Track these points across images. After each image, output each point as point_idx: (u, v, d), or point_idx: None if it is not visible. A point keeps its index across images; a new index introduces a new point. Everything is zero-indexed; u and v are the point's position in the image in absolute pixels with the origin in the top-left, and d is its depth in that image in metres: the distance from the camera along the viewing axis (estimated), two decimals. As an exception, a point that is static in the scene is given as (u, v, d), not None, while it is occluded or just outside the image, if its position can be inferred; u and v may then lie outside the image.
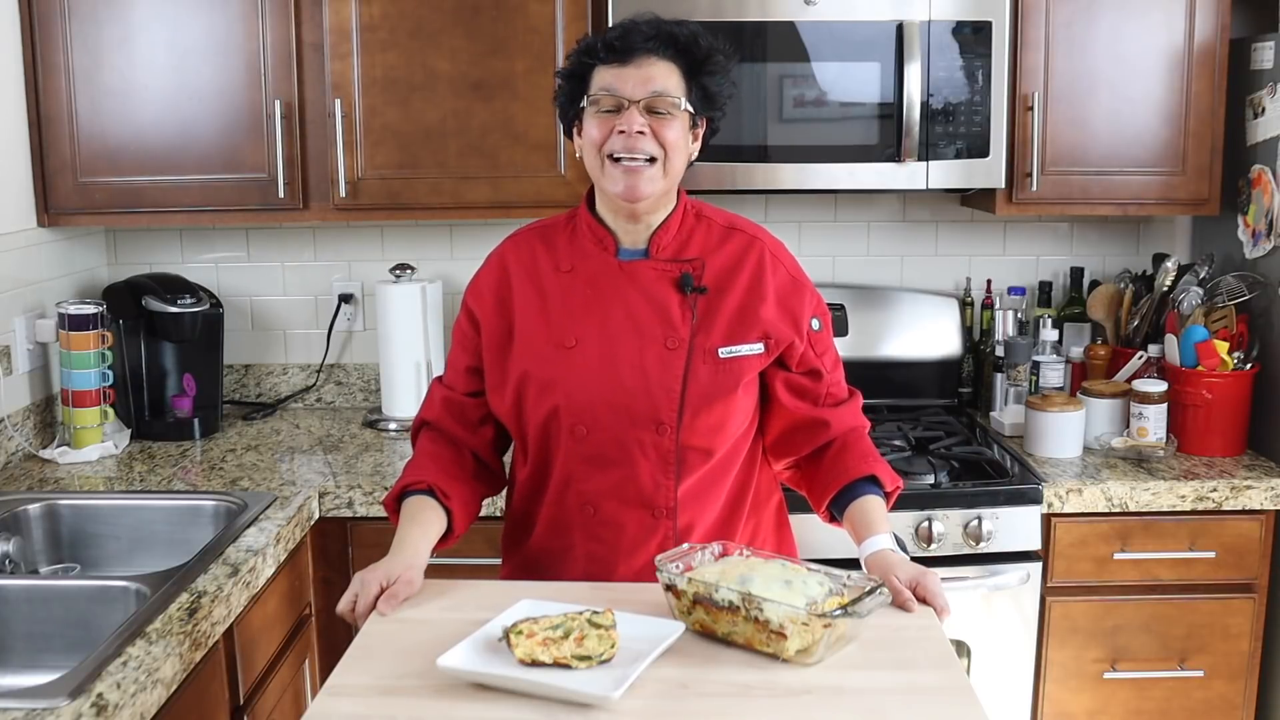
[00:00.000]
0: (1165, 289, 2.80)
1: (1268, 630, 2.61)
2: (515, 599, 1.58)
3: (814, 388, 1.83)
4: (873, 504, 1.77)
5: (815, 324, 1.83)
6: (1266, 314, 2.67)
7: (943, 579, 1.64)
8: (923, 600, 1.63)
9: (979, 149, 2.64)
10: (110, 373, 2.67)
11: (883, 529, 1.73)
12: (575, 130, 1.80)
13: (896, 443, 2.69)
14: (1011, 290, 3.04)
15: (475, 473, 1.87)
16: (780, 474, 1.93)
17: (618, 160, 1.71)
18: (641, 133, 1.70)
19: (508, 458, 1.95)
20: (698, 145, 1.80)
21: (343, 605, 1.65)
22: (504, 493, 1.97)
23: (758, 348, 1.77)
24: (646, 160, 1.71)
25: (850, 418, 1.86)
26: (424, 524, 1.76)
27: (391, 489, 1.83)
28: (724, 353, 1.76)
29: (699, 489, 1.79)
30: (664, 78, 1.71)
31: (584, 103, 1.75)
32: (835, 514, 1.82)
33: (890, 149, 2.61)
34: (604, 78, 1.72)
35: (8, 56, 2.58)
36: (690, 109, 1.74)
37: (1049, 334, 2.82)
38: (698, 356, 1.75)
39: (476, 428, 1.88)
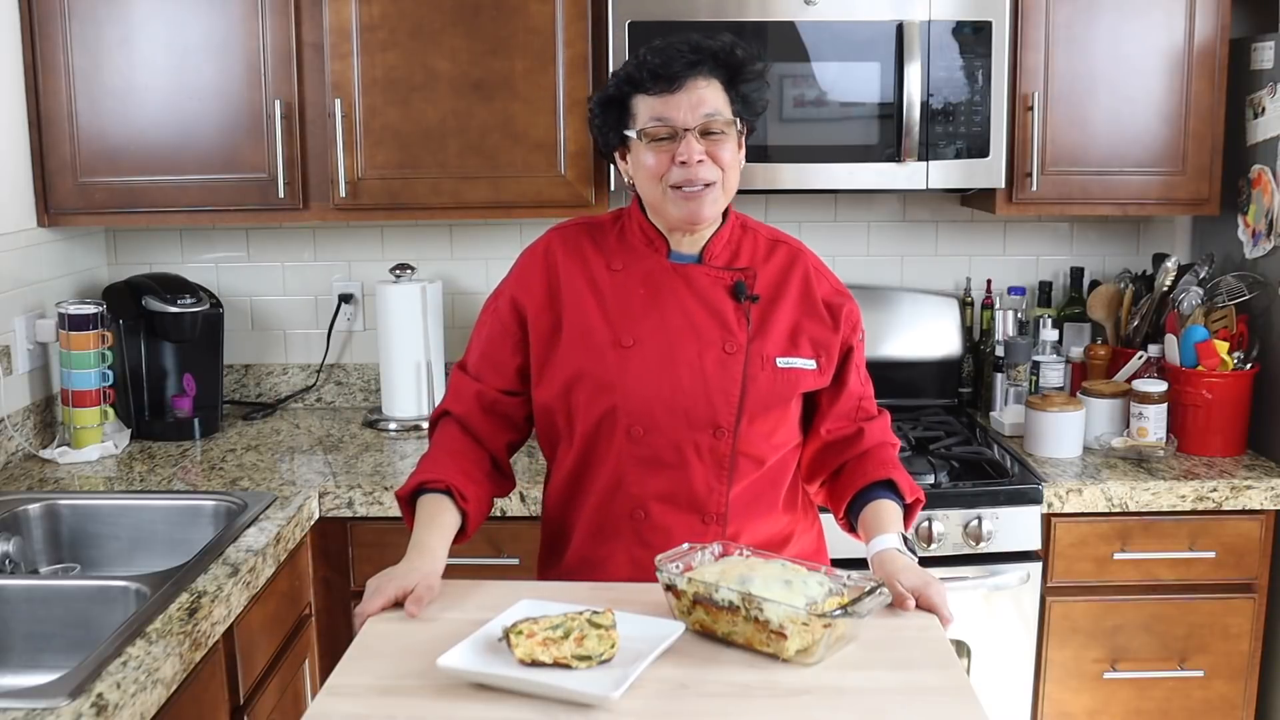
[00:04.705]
0: (1165, 289, 2.80)
1: (1268, 630, 2.61)
2: (515, 599, 1.58)
3: (850, 403, 1.83)
4: (885, 506, 1.76)
5: (859, 337, 1.84)
6: (1266, 314, 2.67)
7: (942, 579, 1.64)
8: (927, 609, 1.61)
9: (979, 149, 2.64)
10: (110, 373, 2.67)
11: (890, 529, 1.72)
12: (619, 155, 1.78)
13: (897, 443, 2.69)
14: (1011, 290, 3.04)
15: (490, 473, 1.83)
16: (814, 494, 1.91)
17: (678, 187, 1.70)
18: (701, 160, 1.68)
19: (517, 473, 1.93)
20: (743, 152, 1.78)
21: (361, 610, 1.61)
22: (510, 498, 1.93)
23: (811, 363, 1.77)
24: (706, 185, 1.70)
25: (881, 433, 1.84)
26: (442, 527, 1.71)
27: (407, 481, 1.77)
28: (782, 363, 1.75)
29: (748, 497, 1.78)
30: (713, 98, 1.70)
31: (632, 133, 1.72)
32: (852, 521, 1.81)
33: (890, 149, 2.61)
34: (652, 107, 1.69)
35: (8, 56, 2.58)
36: (737, 121, 1.73)
37: (1049, 334, 2.82)
38: (755, 363, 1.74)
39: (505, 428, 1.85)
